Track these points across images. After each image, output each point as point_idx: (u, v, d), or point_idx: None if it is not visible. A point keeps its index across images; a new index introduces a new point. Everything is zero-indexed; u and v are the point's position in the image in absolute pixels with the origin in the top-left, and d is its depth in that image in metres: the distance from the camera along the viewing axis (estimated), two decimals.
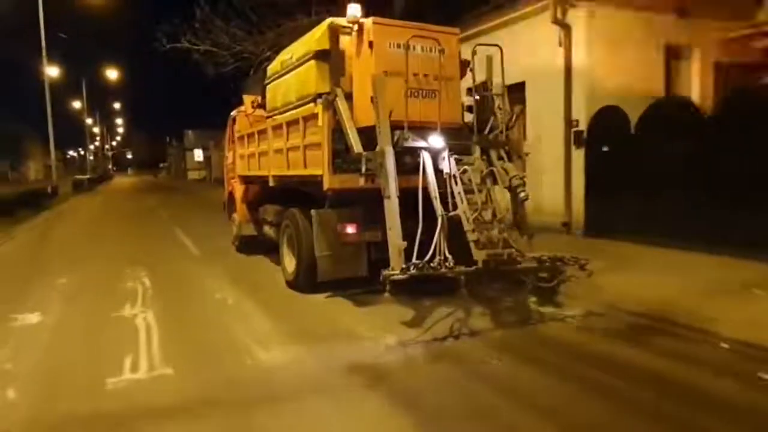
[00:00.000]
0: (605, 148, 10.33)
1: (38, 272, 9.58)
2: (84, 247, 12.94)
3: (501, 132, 7.10)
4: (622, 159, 9.93)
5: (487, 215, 6.38)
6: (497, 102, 7.28)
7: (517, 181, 6.76)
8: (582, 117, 10.75)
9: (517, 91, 11.06)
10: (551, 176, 11.28)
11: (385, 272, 5.61)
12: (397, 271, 5.62)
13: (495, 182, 6.78)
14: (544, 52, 11.24)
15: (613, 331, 5.80)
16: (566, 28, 10.81)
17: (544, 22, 11.06)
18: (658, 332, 5.68)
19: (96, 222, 19.16)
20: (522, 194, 6.74)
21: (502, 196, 6.79)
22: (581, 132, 10.76)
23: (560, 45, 10.91)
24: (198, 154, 66.98)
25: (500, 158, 6.96)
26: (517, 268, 6.28)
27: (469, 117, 7.43)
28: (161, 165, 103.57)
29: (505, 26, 12.03)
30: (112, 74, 48.44)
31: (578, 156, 10.84)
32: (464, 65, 7.61)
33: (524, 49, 11.01)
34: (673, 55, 11.82)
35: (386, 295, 5.53)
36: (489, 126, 7.17)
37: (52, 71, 34.53)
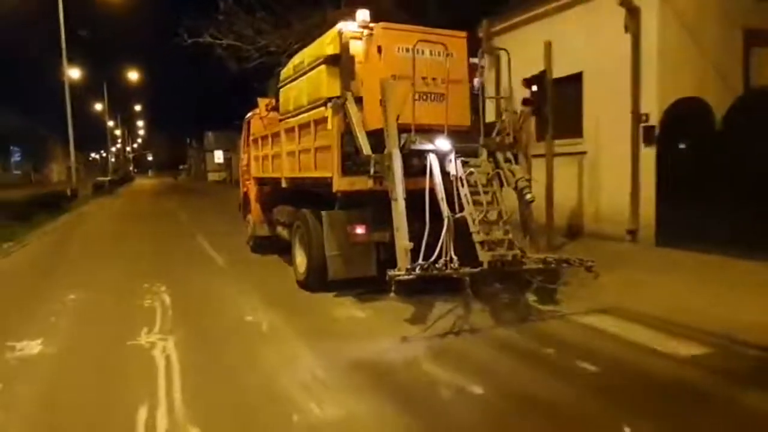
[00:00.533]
0: (682, 146, 9.41)
1: (47, 286, 8.75)
2: (99, 256, 12.07)
3: (508, 134, 7.25)
4: (705, 158, 8.88)
5: (493, 217, 6.54)
6: (504, 104, 7.43)
7: (523, 182, 6.92)
8: (653, 111, 9.70)
9: (572, 84, 10.55)
10: (613, 178, 10.33)
11: (391, 272, 5.79)
12: (403, 272, 5.80)
13: (501, 184, 6.94)
14: (606, 38, 10.27)
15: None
16: (634, 11, 9.81)
17: (606, 6, 10.13)
18: None
19: (114, 227, 18.43)
20: (528, 196, 6.90)
21: (508, 198, 6.92)
22: (652, 127, 9.69)
23: (626, 30, 9.88)
24: (218, 156, 67.78)
25: (507, 160, 7.12)
26: (522, 269, 6.43)
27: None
28: (181, 167, 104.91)
29: (559, 12, 11.27)
30: (133, 75, 49.07)
31: (648, 155, 9.78)
32: (473, 68, 7.78)
33: (581, 37, 10.38)
34: (754, 41, 10.54)
35: (391, 294, 5.72)
36: (496, 128, 7.32)
37: (74, 73, 34.77)
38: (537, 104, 7.80)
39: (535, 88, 7.08)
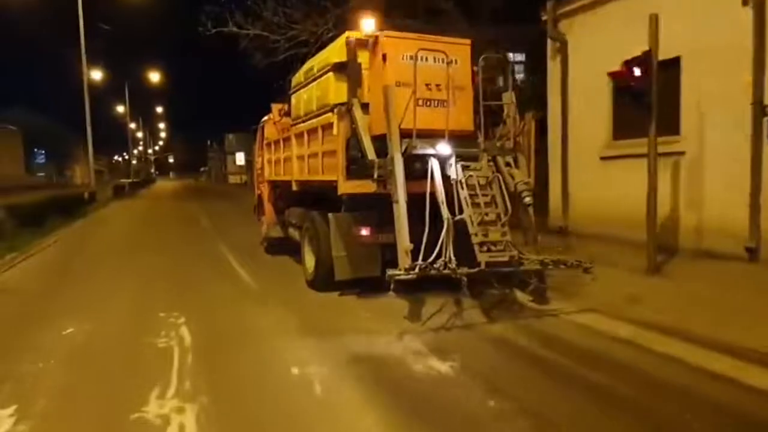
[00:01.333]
0: None
1: (41, 314, 7.30)
2: (110, 271, 10.41)
3: (509, 139, 7.57)
4: None
5: (492, 219, 6.87)
6: (507, 110, 7.75)
7: (522, 186, 7.24)
8: None
9: (666, 71, 8.83)
10: (721, 184, 9.00)
11: (390, 272, 6.17)
12: (402, 271, 6.16)
13: (502, 188, 7.24)
14: (715, 14, 8.99)
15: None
16: None
17: None
18: None
19: (130, 234, 17.13)
20: (526, 199, 7.22)
21: (507, 201, 7.22)
22: None
23: (745, 3, 8.60)
24: (240, 158, 68.73)
25: (507, 164, 7.44)
26: (519, 269, 6.75)
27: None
28: (201, 169, 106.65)
29: None
30: (154, 77, 50.02)
31: None
32: (478, 74, 8.11)
33: (680, 14, 9.08)
34: None
35: (390, 293, 6.09)
36: (498, 133, 7.64)
37: (95, 75, 35.80)
38: (643, 90, 7.65)
39: (638, 71, 6.87)
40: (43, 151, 69.01)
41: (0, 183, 37.64)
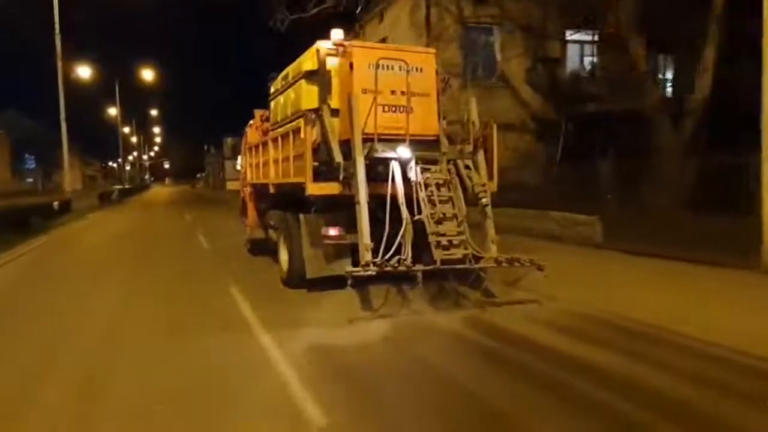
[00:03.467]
0: None
1: None
2: (46, 348, 6.33)
3: (469, 143, 8.36)
4: None
5: (449, 219, 7.65)
6: (467, 115, 8.56)
7: (479, 188, 8.04)
8: None
9: None
10: None
11: (348, 269, 6.98)
12: (359, 268, 6.95)
13: (460, 190, 8.03)
14: None
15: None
16: None
17: None
18: None
19: (98, 266, 12.34)
20: (483, 200, 8.02)
21: (463, 202, 7.99)
22: None
23: None
24: (238, 163, 69.12)
25: (467, 167, 8.24)
26: (473, 267, 7.52)
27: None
28: (198, 175, 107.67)
29: None
30: (148, 75, 47.96)
31: None
32: (445, 82, 8.93)
33: None
34: None
35: (347, 288, 6.89)
36: (459, 138, 8.45)
37: (83, 71, 35.03)
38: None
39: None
40: (33, 157, 69.87)
41: None
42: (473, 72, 21.23)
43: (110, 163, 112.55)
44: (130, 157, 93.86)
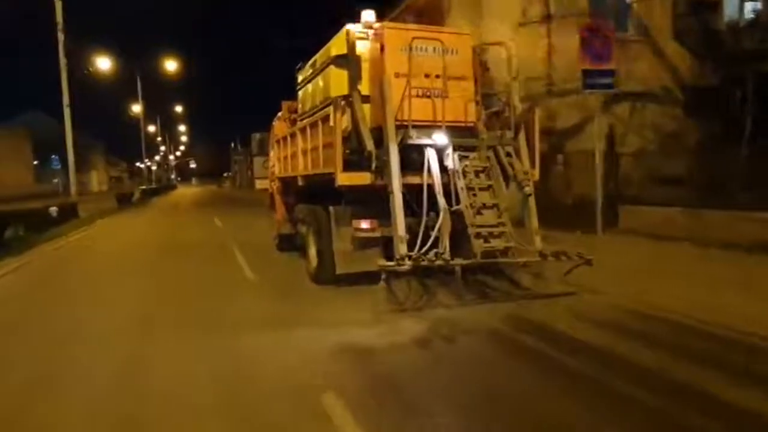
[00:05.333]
0: None
1: None
2: None
3: (509, 129, 8.09)
4: None
5: (489, 209, 7.40)
6: (506, 99, 8.29)
7: (522, 175, 7.75)
8: None
9: None
10: None
11: (381, 263, 6.76)
12: (393, 263, 6.74)
13: (501, 179, 7.77)
14: None
15: None
16: None
17: None
18: None
19: (76, 323, 7.36)
20: (526, 189, 7.73)
21: (507, 192, 7.74)
22: None
23: None
24: (270, 158, 68.87)
25: (508, 155, 7.96)
26: (517, 260, 7.26)
27: None
28: (225, 174, 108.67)
29: None
30: (170, 66, 44.60)
31: None
32: (483, 65, 8.67)
33: None
34: None
35: (381, 284, 6.69)
36: (499, 123, 8.19)
37: (103, 63, 32.76)
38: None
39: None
40: (58, 157, 71.12)
41: (2, 192, 37.87)
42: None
43: (137, 164, 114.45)
44: (157, 157, 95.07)
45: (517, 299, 7.51)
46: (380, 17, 8.80)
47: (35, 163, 62.93)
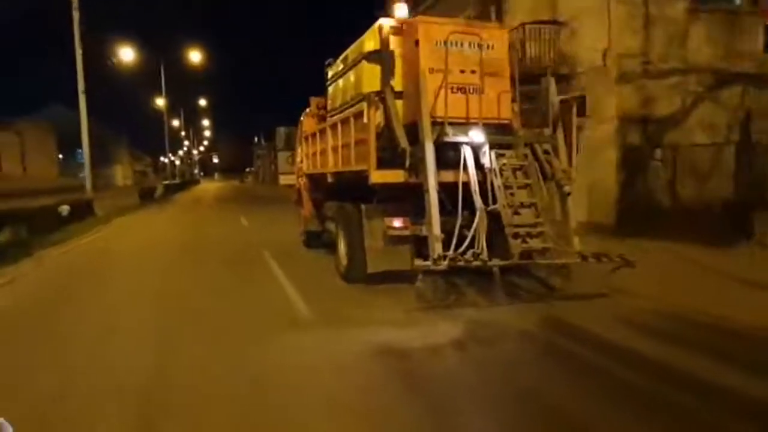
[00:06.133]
0: None
1: None
2: None
3: (547, 126, 7.90)
4: None
5: (527, 209, 7.23)
6: (546, 94, 8.10)
7: (560, 174, 7.56)
8: None
9: None
10: None
11: (417, 263, 6.64)
12: (429, 262, 6.60)
13: (539, 177, 7.59)
14: None
15: None
16: None
17: None
18: None
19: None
20: (566, 188, 7.54)
21: (544, 190, 7.56)
22: None
23: None
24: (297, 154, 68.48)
25: (546, 152, 7.79)
26: (556, 261, 7.08)
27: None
28: (247, 170, 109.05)
29: None
30: (195, 57, 43.37)
31: None
32: (519, 58, 8.49)
33: None
34: None
35: (417, 284, 6.55)
36: (536, 119, 8.01)
37: (126, 54, 31.64)
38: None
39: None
40: (82, 151, 71.75)
41: (22, 184, 37.67)
42: None
43: (161, 159, 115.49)
44: (180, 152, 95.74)
45: (549, 300, 7.33)
46: (415, 7, 8.65)
47: (60, 156, 63.38)
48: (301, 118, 13.23)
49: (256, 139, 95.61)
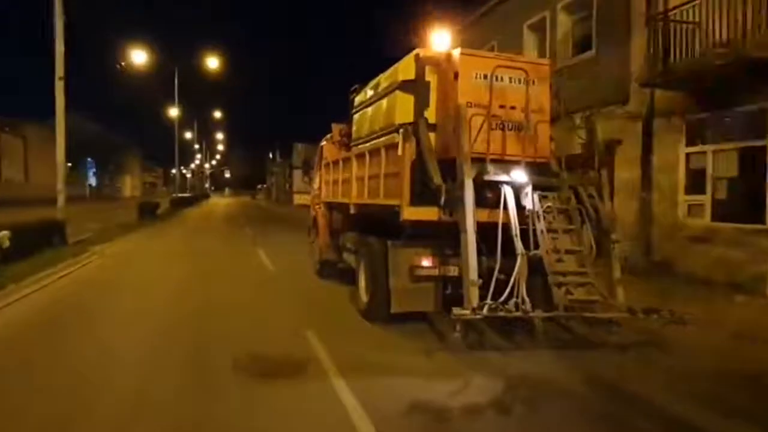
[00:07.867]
0: None
1: None
2: None
3: (592, 168, 7.42)
4: None
5: (572, 256, 6.74)
6: (589, 136, 7.64)
7: (607, 222, 7.06)
8: None
9: None
10: None
11: (456, 311, 6.13)
12: (468, 311, 6.08)
13: (583, 222, 7.10)
14: None
15: None
16: None
17: None
18: None
19: None
20: (613, 235, 7.04)
21: (591, 237, 7.06)
22: None
23: None
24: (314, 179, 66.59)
25: (590, 196, 7.29)
26: (603, 315, 6.55)
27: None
28: (259, 186, 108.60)
29: None
30: (212, 63, 38.58)
31: None
32: (557, 97, 8.04)
33: None
34: None
35: (455, 335, 6.04)
36: (579, 161, 7.54)
37: (138, 56, 30.79)
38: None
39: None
40: (93, 161, 71.07)
41: (21, 193, 36.88)
42: None
43: (172, 171, 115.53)
44: (192, 165, 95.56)
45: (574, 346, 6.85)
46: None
47: (69, 165, 62.52)
48: (322, 143, 12.85)
49: (271, 155, 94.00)
